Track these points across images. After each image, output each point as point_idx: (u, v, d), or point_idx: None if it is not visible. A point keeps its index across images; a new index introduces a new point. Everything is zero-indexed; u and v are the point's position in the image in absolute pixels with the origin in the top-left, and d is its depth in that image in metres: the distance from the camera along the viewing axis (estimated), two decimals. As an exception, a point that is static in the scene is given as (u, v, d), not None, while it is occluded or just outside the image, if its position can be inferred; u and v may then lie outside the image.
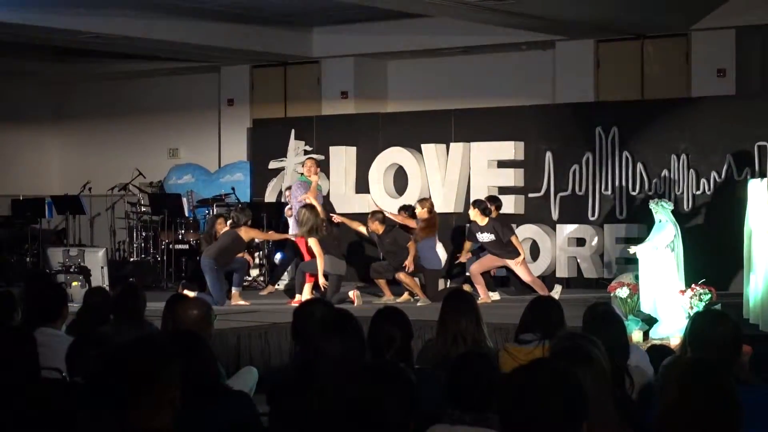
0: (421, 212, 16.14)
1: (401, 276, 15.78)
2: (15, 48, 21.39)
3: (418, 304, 15.37)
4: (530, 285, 15.65)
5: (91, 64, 23.27)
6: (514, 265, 15.73)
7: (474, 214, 15.71)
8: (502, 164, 18.23)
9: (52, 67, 23.53)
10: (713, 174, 16.84)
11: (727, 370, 4.48)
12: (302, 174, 17.57)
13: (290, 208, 17.40)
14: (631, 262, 14.30)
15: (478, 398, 5.30)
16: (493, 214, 15.99)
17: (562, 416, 3.75)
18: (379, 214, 16.35)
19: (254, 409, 5.74)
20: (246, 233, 16.05)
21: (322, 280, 15.61)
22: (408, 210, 16.89)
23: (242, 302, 15.88)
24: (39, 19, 18.04)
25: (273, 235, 17.34)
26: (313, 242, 15.67)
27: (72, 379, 6.22)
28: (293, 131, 19.98)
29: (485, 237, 15.67)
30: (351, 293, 15.66)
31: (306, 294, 15.71)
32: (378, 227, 16.09)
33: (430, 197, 17.33)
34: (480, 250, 16.19)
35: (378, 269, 16.19)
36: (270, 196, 20.06)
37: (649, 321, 12.69)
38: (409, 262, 15.77)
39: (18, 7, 17.60)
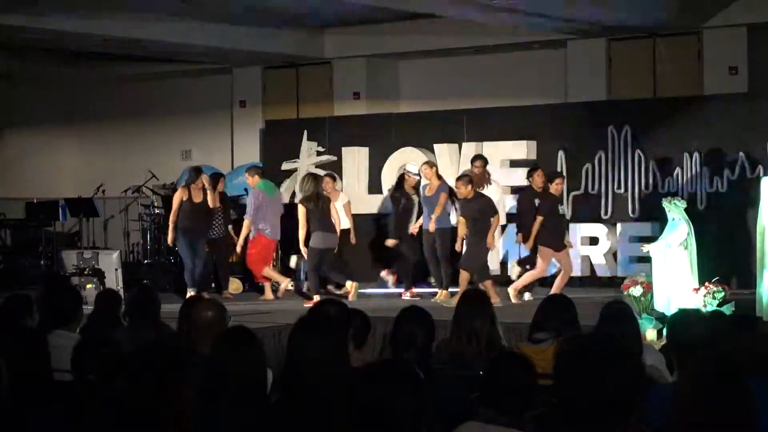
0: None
1: (465, 272, 15.44)
2: (28, 51, 21.47)
3: (435, 299, 15.43)
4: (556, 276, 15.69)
5: (104, 66, 23.34)
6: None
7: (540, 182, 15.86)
8: (514, 164, 18.20)
9: (65, 70, 23.58)
10: (726, 172, 16.81)
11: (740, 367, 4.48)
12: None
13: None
14: (645, 260, 14.28)
15: (515, 401, 5.28)
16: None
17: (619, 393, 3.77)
18: (466, 177, 16.01)
19: None
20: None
21: (303, 250, 16.00)
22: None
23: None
24: (51, 22, 18.10)
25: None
26: (301, 211, 15.94)
27: (80, 381, 6.21)
28: (306, 132, 20.00)
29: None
30: (348, 284, 15.74)
31: (268, 292, 16.56)
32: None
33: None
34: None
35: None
36: (283, 198, 20.07)
37: (663, 319, 12.67)
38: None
39: (31, 10, 17.65)
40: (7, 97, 24.08)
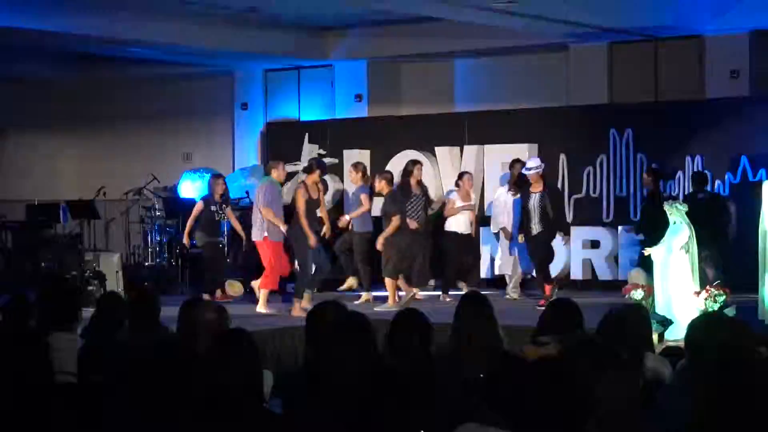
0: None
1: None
2: (29, 54, 21.46)
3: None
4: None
5: (105, 69, 23.31)
6: None
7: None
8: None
9: (66, 73, 23.57)
10: (728, 175, 16.82)
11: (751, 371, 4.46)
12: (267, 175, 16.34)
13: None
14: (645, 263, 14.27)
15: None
16: None
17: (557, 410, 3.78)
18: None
19: None
20: None
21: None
22: None
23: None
24: (53, 24, 18.09)
25: None
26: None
27: (84, 381, 6.22)
28: (307, 135, 19.99)
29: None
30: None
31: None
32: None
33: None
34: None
35: None
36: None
37: (664, 323, 12.67)
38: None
39: (32, 13, 17.65)
40: (8, 99, 24.06)
